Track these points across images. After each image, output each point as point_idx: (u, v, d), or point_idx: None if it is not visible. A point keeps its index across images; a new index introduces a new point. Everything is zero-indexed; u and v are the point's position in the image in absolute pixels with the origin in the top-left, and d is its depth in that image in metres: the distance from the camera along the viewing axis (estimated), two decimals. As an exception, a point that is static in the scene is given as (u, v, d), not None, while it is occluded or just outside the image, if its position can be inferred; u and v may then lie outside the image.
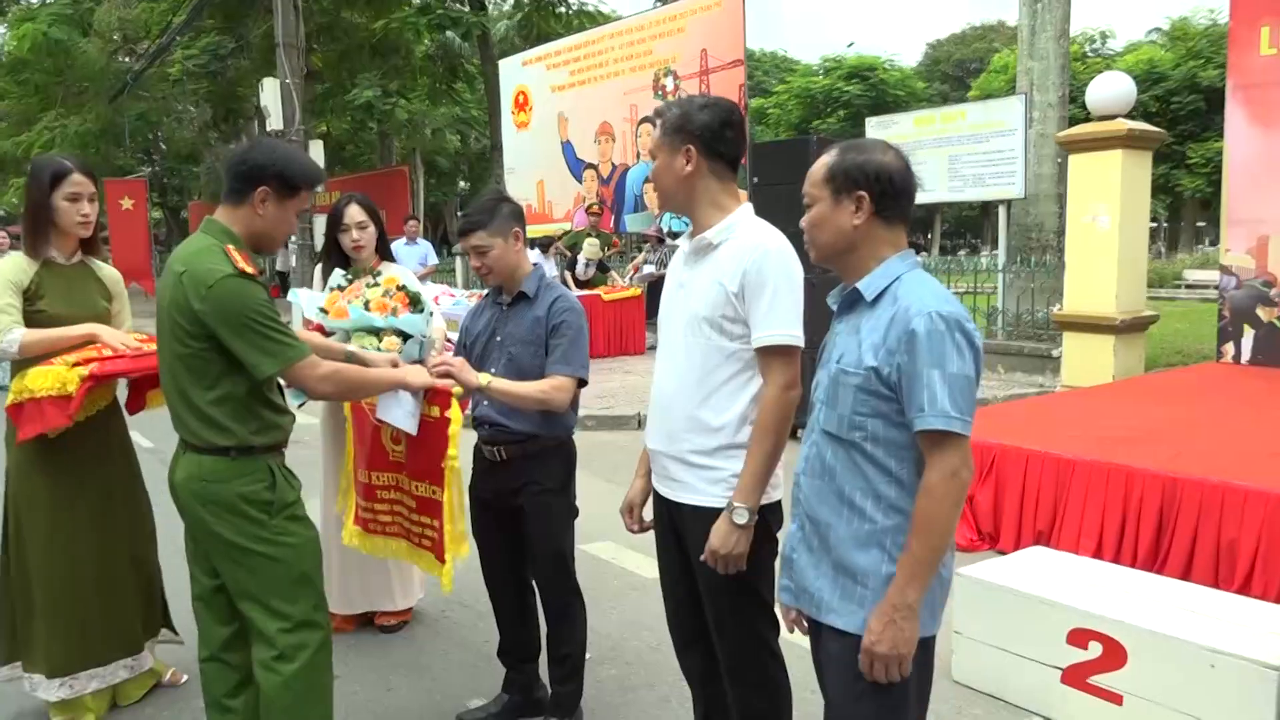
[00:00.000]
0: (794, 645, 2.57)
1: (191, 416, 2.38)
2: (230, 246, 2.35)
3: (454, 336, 3.87)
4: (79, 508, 3.09)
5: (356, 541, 3.28)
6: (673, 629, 2.65)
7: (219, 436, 2.38)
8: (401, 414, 2.86)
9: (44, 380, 2.88)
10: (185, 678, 3.44)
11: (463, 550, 2.89)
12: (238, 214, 2.43)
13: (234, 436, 2.39)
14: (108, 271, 3.30)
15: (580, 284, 11.66)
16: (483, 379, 2.79)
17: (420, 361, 3.29)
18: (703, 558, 2.29)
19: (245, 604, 2.46)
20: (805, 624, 2.08)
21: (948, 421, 1.76)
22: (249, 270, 2.33)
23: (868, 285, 1.93)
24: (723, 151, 2.37)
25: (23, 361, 2.99)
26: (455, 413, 2.76)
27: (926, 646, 1.91)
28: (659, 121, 2.40)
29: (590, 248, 11.91)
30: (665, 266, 11.44)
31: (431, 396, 2.81)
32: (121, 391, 3.24)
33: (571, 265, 11.96)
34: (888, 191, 1.91)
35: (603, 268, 12.25)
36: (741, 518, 2.23)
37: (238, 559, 2.42)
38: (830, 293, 2.07)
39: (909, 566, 1.80)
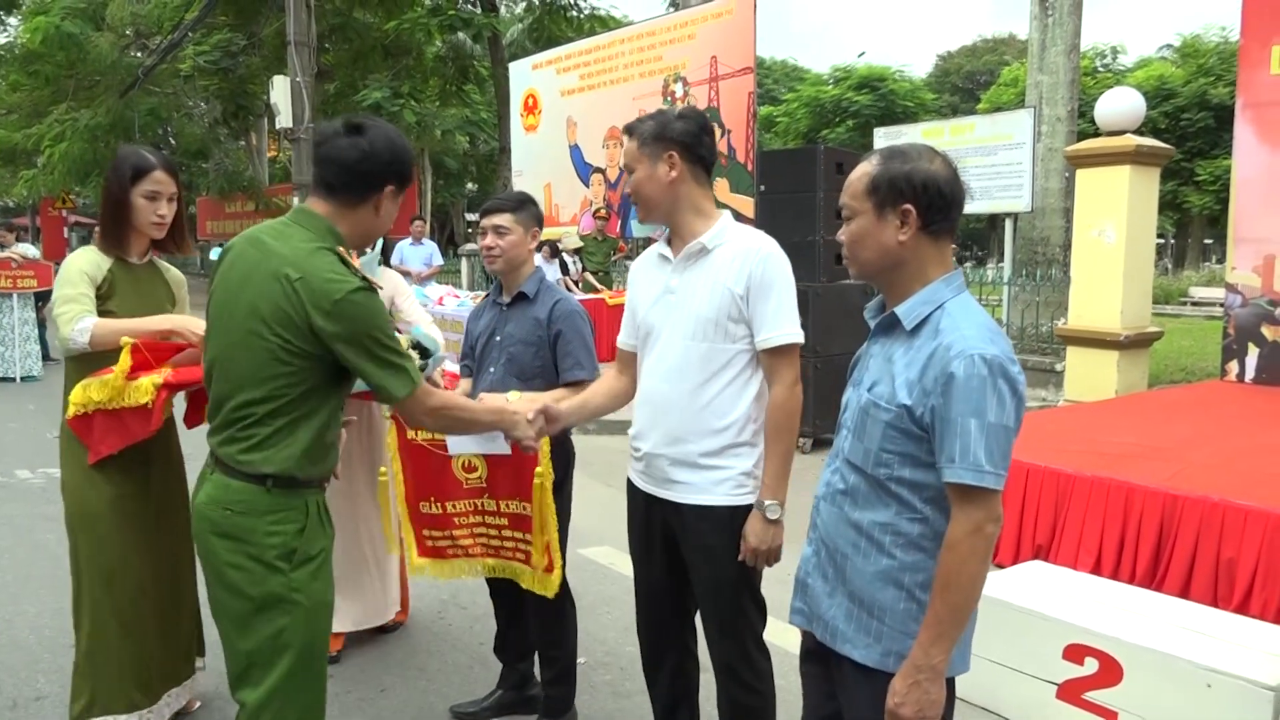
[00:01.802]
0: (776, 648, 2.60)
1: (241, 433, 2.06)
2: (341, 249, 2.10)
3: (452, 336, 3.87)
4: (138, 529, 2.87)
5: (431, 571, 3.22)
6: (648, 631, 2.68)
7: (263, 461, 2.05)
8: (485, 441, 2.83)
9: (104, 393, 2.65)
10: (198, 704, 3.22)
11: (558, 561, 2.86)
12: (354, 215, 2.15)
13: (279, 464, 2.06)
14: (174, 274, 3.13)
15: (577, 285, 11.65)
16: (511, 396, 2.76)
17: (430, 380, 3.28)
18: (740, 558, 2.37)
19: (228, 652, 2.12)
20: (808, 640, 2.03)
21: (979, 476, 1.65)
22: (371, 281, 2.09)
23: (907, 312, 1.80)
24: (702, 155, 2.46)
25: (80, 369, 2.76)
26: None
27: (950, 685, 1.81)
28: (634, 134, 2.44)
29: (569, 239, 11.89)
30: None
31: None
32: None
33: (563, 269, 11.95)
34: (936, 204, 1.77)
35: (589, 260, 12.23)
36: (775, 513, 2.34)
37: (237, 610, 2.08)
38: (868, 306, 1.95)
39: (934, 626, 1.70)
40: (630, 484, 2.63)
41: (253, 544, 2.05)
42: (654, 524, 2.55)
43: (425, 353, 3.22)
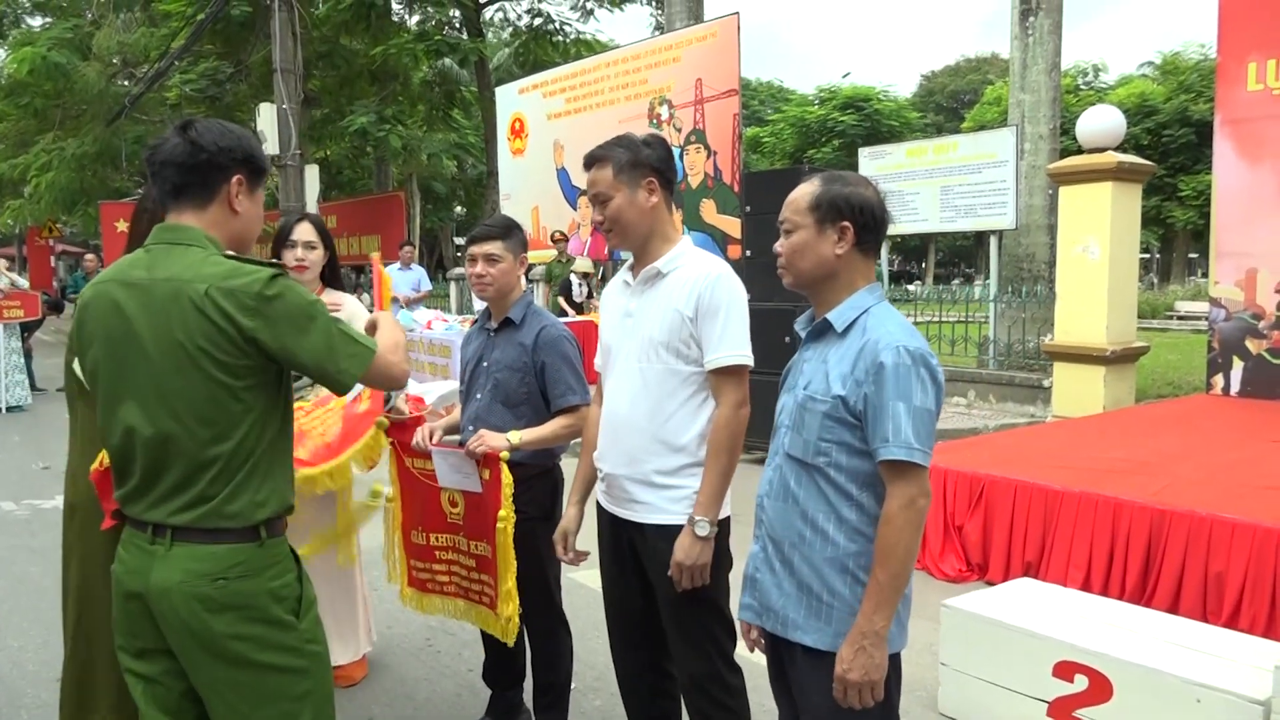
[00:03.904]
0: (749, 661, 2.60)
1: (213, 487, 1.83)
2: (230, 254, 1.90)
3: (440, 361, 3.86)
4: None
5: (414, 604, 3.23)
6: (623, 652, 2.71)
7: (252, 510, 1.85)
8: (460, 477, 2.90)
9: None
10: None
11: (511, 609, 2.87)
12: (210, 216, 1.92)
13: (267, 508, 1.88)
14: None
15: (576, 307, 11.61)
16: (513, 438, 2.82)
17: (394, 408, 3.25)
18: (669, 573, 2.38)
19: None
20: (763, 642, 2.15)
21: (910, 453, 1.83)
22: (281, 264, 1.91)
23: (838, 316, 1.99)
24: (671, 179, 2.52)
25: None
26: (507, 475, 2.78)
27: (895, 661, 1.97)
28: (608, 162, 2.46)
29: (583, 264, 11.91)
30: None
31: (481, 461, 2.83)
32: None
33: (565, 289, 11.95)
34: (869, 224, 1.99)
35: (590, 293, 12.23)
36: (703, 530, 2.34)
37: (250, 682, 1.87)
38: (798, 319, 2.13)
39: (875, 594, 1.86)
40: (598, 505, 2.67)
41: (257, 607, 1.86)
42: (622, 544, 2.59)
43: None
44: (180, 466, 1.84)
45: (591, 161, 2.49)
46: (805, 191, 2.02)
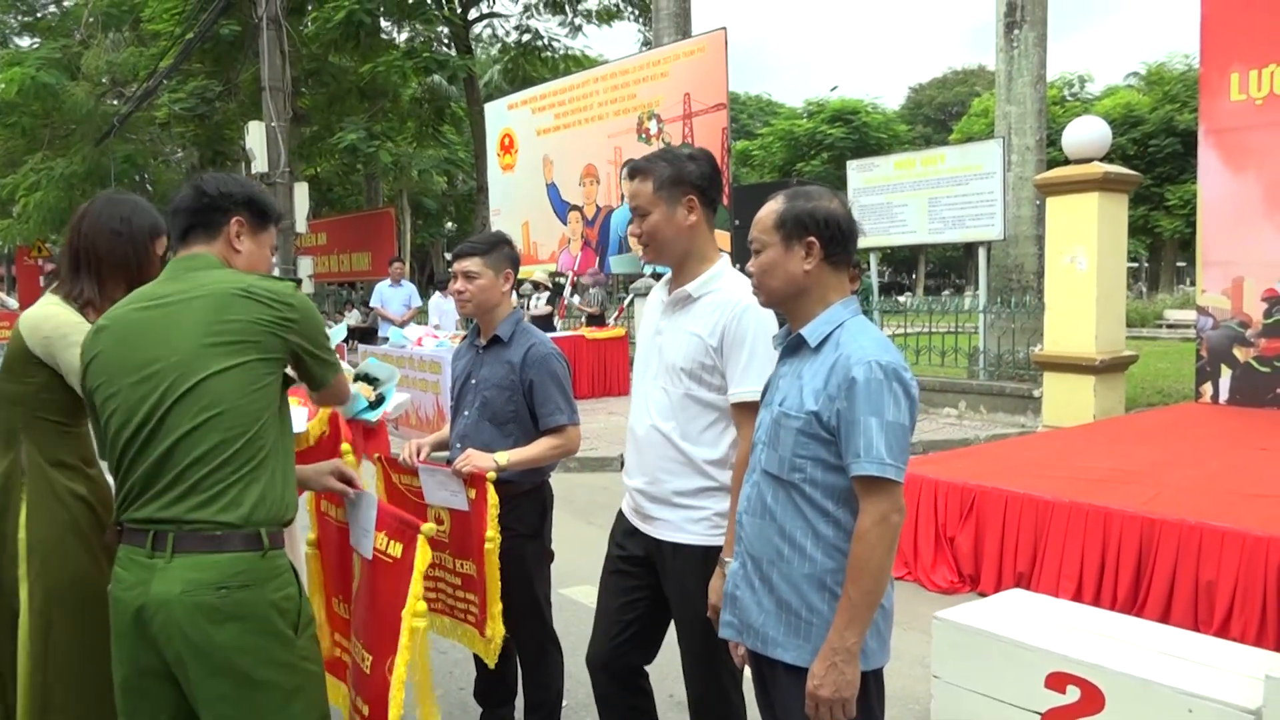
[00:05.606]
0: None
1: (217, 488, 1.83)
2: None
3: (430, 377, 3.85)
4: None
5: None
6: (602, 648, 2.66)
7: (260, 513, 1.86)
8: (447, 495, 2.89)
9: None
10: None
11: (498, 631, 2.84)
12: (212, 252, 2.07)
13: (277, 511, 1.90)
14: None
15: (544, 320, 11.46)
16: (500, 459, 2.81)
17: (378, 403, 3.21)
18: (709, 614, 2.34)
19: None
20: (748, 658, 2.15)
21: (882, 468, 1.82)
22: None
23: (811, 332, 1.99)
24: (714, 197, 2.47)
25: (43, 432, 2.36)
26: (493, 496, 2.75)
27: (878, 676, 1.98)
28: (649, 175, 2.42)
29: (540, 272, 11.85)
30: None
31: (467, 480, 2.81)
32: None
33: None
34: (836, 237, 1.98)
35: (558, 289, 12.10)
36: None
37: (245, 698, 1.85)
38: (774, 335, 2.15)
39: (847, 610, 1.85)
40: (619, 514, 2.68)
41: (259, 618, 1.84)
42: (637, 553, 2.58)
43: (376, 382, 3.18)
44: (180, 464, 1.85)
45: (634, 172, 2.45)
46: (770, 210, 2.03)
